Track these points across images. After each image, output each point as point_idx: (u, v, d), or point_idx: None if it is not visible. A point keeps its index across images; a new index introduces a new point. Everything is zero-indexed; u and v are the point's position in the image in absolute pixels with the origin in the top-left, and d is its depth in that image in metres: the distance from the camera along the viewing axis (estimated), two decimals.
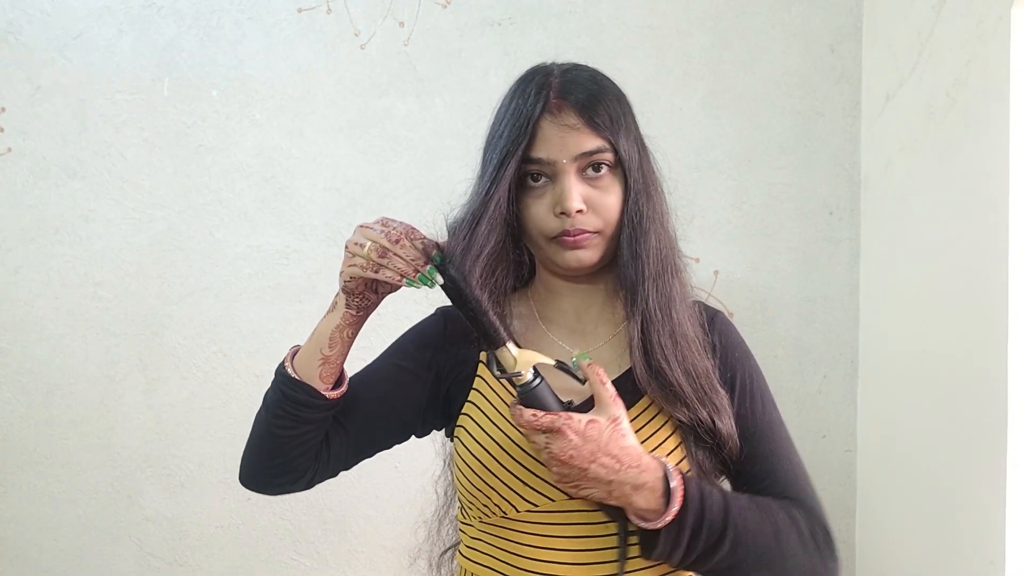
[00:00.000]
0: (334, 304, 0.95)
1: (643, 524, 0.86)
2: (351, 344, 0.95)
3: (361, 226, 0.89)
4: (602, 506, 0.92)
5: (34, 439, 1.68)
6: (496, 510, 0.96)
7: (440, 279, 0.87)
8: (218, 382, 1.69)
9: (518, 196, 0.93)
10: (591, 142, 0.91)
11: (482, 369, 1.00)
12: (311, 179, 1.70)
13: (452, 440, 1.02)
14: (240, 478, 1.00)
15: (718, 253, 1.70)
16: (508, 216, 0.92)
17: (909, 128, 1.54)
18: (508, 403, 0.97)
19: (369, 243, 0.87)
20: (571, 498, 0.95)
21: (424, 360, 1.01)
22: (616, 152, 0.92)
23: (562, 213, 0.91)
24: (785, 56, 1.71)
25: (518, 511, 0.95)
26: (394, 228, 0.88)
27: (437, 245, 0.89)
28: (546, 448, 0.85)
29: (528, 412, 0.85)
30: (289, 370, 0.94)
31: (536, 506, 0.95)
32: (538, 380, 0.87)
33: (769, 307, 1.72)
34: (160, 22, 1.68)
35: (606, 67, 1.69)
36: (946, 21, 1.43)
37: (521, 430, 0.87)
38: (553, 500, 0.95)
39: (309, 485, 1.00)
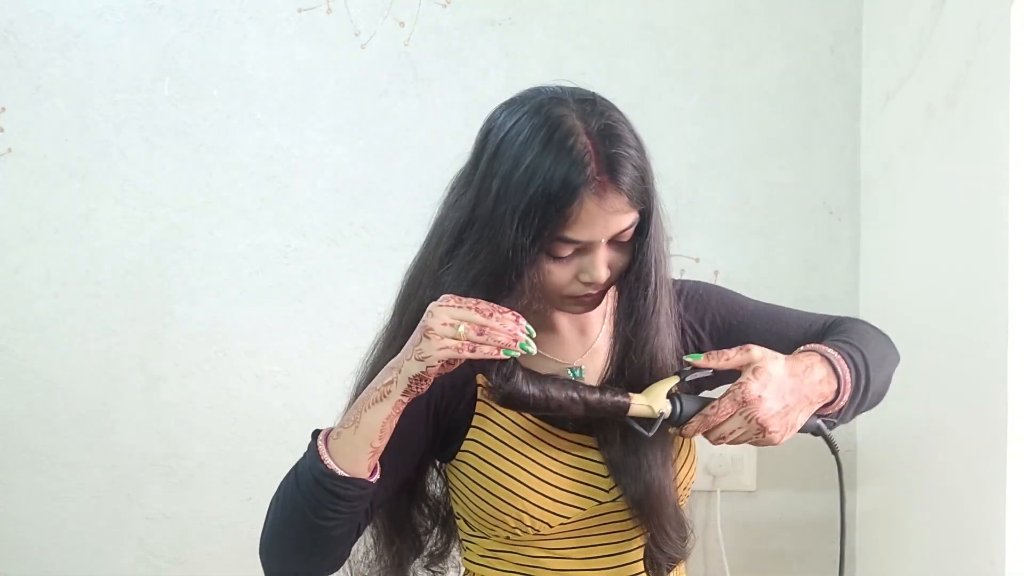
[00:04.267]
0: (384, 393, 0.86)
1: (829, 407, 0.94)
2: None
3: (440, 306, 0.84)
4: (636, 513, 0.95)
5: (34, 437, 1.68)
6: (528, 530, 0.94)
7: (534, 348, 0.86)
8: (218, 381, 1.69)
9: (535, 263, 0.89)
10: (629, 219, 0.88)
11: (483, 392, 0.97)
12: (311, 178, 1.70)
13: (452, 463, 0.98)
14: None
15: (718, 253, 1.70)
16: (523, 273, 0.88)
17: (909, 128, 1.54)
18: (535, 422, 0.95)
19: (463, 324, 0.83)
20: (601, 503, 0.95)
21: (421, 402, 0.94)
22: (644, 219, 0.90)
23: (589, 283, 0.89)
24: (785, 56, 1.71)
25: (551, 527, 0.95)
26: (480, 305, 0.84)
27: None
28: (749, 420, 0.87)
29: (703, 423, 0.89)
30: (336, 468, 0.87)
31: (568, 519, 0.95)
32: (678, 403, 0.91)
33: None
34: (161, 22, 1.68)
35: (606, 67, 1.71)
36: (946, 21, 1.43)
37: (711, 438, 0.90)
38: (584, 509, 0.95)
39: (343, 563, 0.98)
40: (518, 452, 0.95)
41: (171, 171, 1.69)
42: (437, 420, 0.97)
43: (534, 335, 0.85)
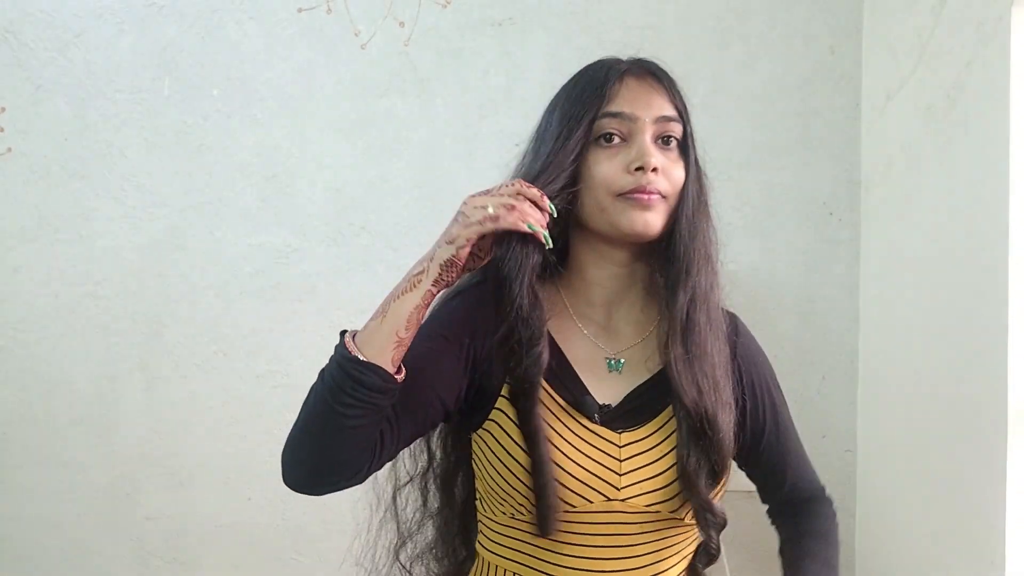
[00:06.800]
0: (414, 283, 0.89)
1: None
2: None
3: (473, 195, 0.88)
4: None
5: (34, 437, 1.69)
6: (533, 510, 0.94)
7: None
8: (218, 381, 1.69)
9: (584, 155, 0.92)
10: (669, 108, 0.93)
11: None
12: (311, 178, 1.70)
13: (479, 431, 0.97)
14: (288, 479, 0.93)
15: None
16: (572, 172, 0.92)
17: (909, 128, 1.54)
18: (562, 406, 0.95)
19: (491, 204, 0.86)
20: (609, 499, 0.95)
21: (463, 342, 0.96)
22: (685, 127, 0.95)
23: (638, 169, 0.90)
24: (785, 56, 1.71)
25: (556, 513, 0.95)
26: (509, 185, 0.88)
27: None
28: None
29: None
30: (359, 354, 0.88)
31: (574, 508, 0.95)
32: None
33: (769, 307, 1.72)
34: (161, 21, 1.68)
35: None
36: (946, 22, 1.43)
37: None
38: (591, 502, 0.95)
39: (362, 480, 0.95)
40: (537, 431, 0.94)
41: (171, 171, 1.69)
42: (474, 363, 0.97)
43: (555, 214, 0.88)
